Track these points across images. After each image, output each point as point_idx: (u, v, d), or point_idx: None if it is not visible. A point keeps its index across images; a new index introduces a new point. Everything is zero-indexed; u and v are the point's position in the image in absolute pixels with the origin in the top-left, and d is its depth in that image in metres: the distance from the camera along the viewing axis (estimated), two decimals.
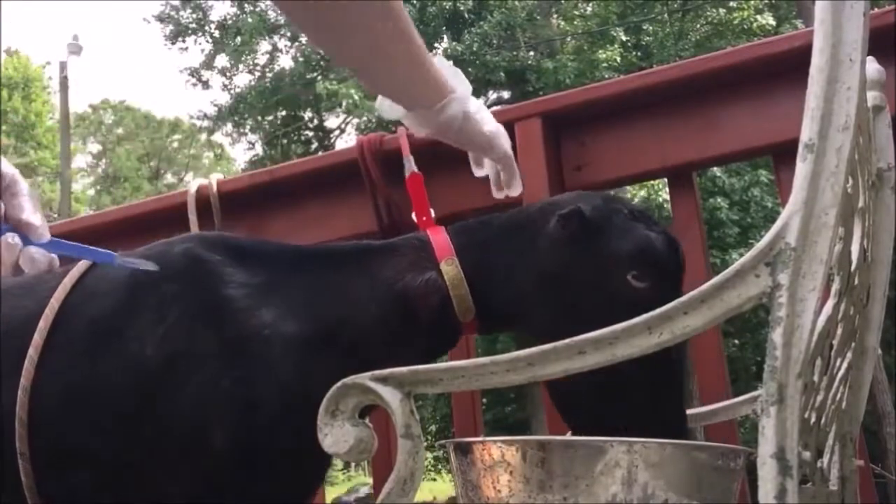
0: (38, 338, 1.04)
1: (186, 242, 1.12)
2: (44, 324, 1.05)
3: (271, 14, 15.87)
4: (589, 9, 14.57)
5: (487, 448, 0.81)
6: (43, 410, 1.02)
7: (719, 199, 11.22)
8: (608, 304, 1.00)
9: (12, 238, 0.91)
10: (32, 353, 1.03)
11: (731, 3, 13.14)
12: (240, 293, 1.05)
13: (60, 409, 1.02)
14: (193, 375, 1.00)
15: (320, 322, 1.07)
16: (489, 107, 1.35)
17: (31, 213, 0.92)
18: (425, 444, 0.81)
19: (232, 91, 16.12)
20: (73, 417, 1.02)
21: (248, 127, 16.26)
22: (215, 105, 16.24)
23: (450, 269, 1.07)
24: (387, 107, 1.21)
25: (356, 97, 12.81)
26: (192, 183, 1.74)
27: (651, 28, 13.59)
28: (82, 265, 1.12)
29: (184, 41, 16.32)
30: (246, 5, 15.41)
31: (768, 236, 0.71)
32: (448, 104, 1.17)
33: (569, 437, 1.04)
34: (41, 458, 1.01)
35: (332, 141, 16.07)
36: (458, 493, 0.87)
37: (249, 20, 15.09)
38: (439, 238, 1.11)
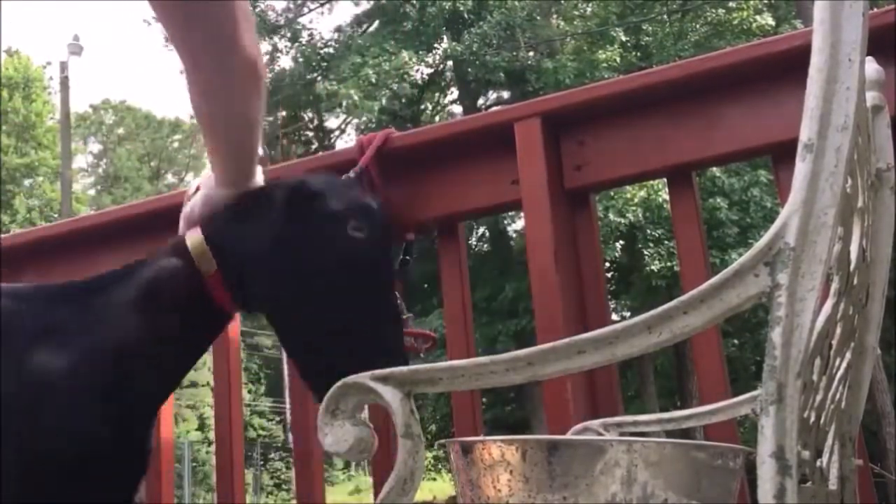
0: None
1: None
2: None
3: (271, 14, 15.88)
4: (589, 9, 14.57)
5: (487, 447, 0.82)
6: None
7: (719, 199, 11.23)
8: (335, 256, 1.17)
9: None
10: None
11: (731, 4, 13.15)
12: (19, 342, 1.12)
13: None
14: None
15: (90, 352, 1.13)
16: (489, 107, 1.36)
17: None
18: (425, 443, 0.81)
19: None
20: None
21: None
22: None
23: (193, 237, 1.19)
24: (203, 178, 1.31)
25: (356, 97, 12.82)
26: (193, 183, 1.74)
27: (651, 28, 13.60)
28: None
29: None
30: None
31: (767, 236, 0.71)
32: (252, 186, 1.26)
33: (569, 436, 1.04)
34: None
35: (332, 141, 16.08)
36: (458, 492, 0.87)
37: None
38: (193, 228, 1.23)
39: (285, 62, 16.13)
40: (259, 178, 1.27)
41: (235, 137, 1.19)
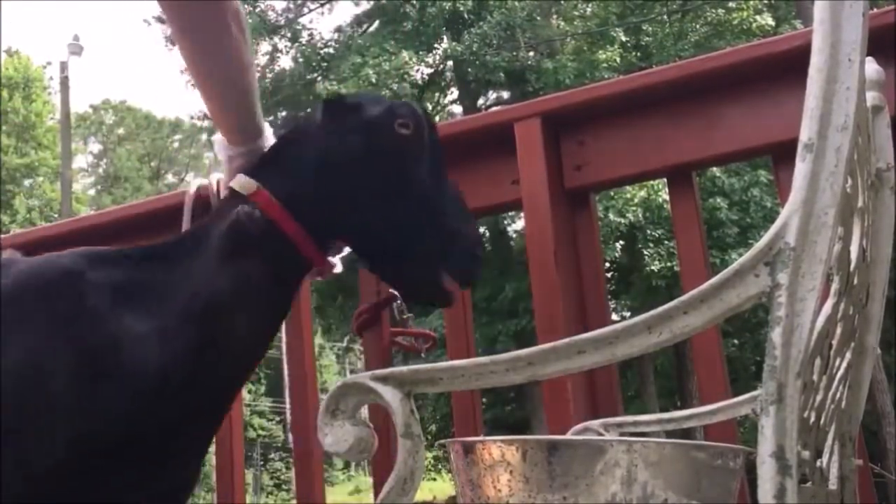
0: None
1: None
2: None
3: (271, 14, 15.88)
4: (589, 9, 14.57)
5: (488, 447, 0.82)
6: None
7: (719, 199, 11.23)
8: (392, 157, 1.19)
9: None
10: None
11: (731, 4, 13.14)
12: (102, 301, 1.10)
13: None
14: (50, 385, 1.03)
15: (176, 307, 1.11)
16: (489, 107, 1.36)
17: None
18: (425, 443, 0.81)
19: None
20: None
21: None
22: None
23: (241, 180, 1.20)
24: (217, 140, 1.32)
25: None
26: (193, 182, 1.74)
27: (651, 28, 13.60)
28: None
29: None
30: (246, 6, 15.40)
31: (767, 236, 0.71)
32: (264, 144, 1.28)
33: (569, 436, 1.04)
34: None
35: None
36: (458, 492, 0.87)
37: (250, 21, 15.04)
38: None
39: (285, 62, 16.15)
40: (268, 132, 1.29)
41: (223, 78, 1.23)
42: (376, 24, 15.59)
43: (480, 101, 15.70)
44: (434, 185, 1.21)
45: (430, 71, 15.60)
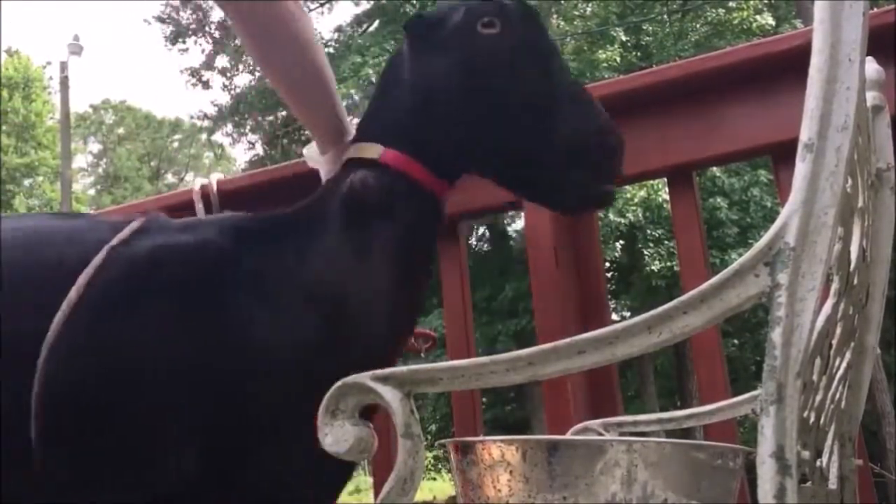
0: (73, 294, 1.00)
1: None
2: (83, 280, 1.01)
3: None
4: (589, 9, 14.56)
5: (488, 447, 0.82)
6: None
7: (719, 199, 11.23)
8: (477, 62, 1.09)
9: None
10: (65, 308, 0.99)
11: (731, 3, 13.14)
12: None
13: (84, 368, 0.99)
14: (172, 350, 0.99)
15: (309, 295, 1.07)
16: None
17: None
18: (425, 443, 0.81)
19: (232, 91, 16.13)
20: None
21: (248, 127, 16.27)
22: (215, 105, 16.27)
23: (357, 145, 1.15)
24: (308, 155, 1.32)
25: (356, 97, 12.81)
26: (196, 181, 1.75)
27: (651, 28, 13.59)
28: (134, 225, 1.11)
29: (184, 42, 16.33)
30: None
31: (767, 236, 0.71)
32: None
33: (569, 436, 1.04)
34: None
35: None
36: (458, 492, 0.87)
37: None
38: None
39: None
40: (350, 128, 1.25)
41: (303, 90, 1.21)
42: (376, 23, 15.58)
43: None
44: (544, 82, 1.09)
45: None
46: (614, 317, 11.69)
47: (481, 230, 15.01)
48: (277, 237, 1.12)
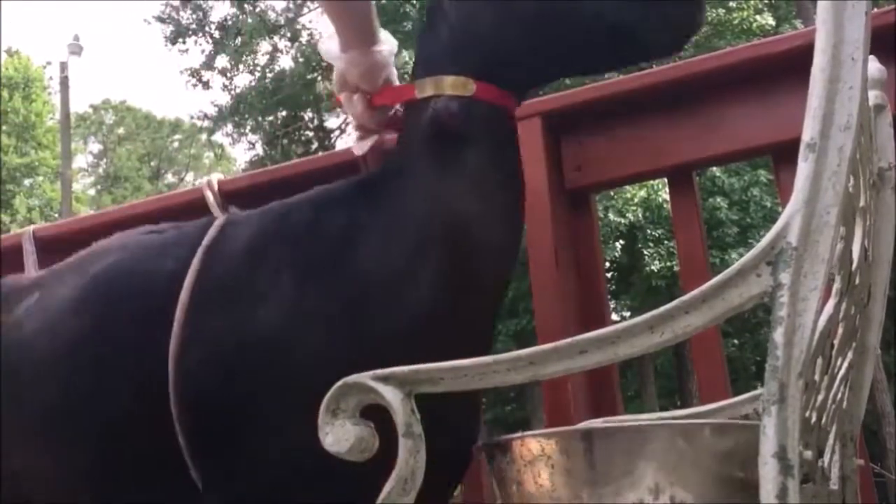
0: (184, 296, 1.06)
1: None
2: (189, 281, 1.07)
3: (271, 14, 15.88)
4: None
5: (526, 443, 0.82)
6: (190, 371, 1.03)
7: (719, 199, 11.23)
8: None
9: None
10: (179, 313, 1.05)
11: (731, 3, 13.13)
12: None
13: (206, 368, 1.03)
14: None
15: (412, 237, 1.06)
16: None
17: None
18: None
19: (232, 91, 16.12)
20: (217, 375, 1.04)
21: (248, 127, 16.26)
22: (216, 105, 16.26)
23: (428, 80, 1.11)
24: (324, 49, 1.25)
25: None
26: (209, 178, 1.74)
27: None
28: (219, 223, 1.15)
29: (184, 42, 16.32)
30: (246, 6, 15.41)
31: (770, 235, 0.71)
32: (382, 49, 1.20)
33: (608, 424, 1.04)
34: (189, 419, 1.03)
35: (332, 141, 16.06)
36: (493, 493, 0.87)
37: (249, 21, 15.09)
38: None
39: (285, 62, 16.14)
40: (385, 37, 1.22)
41: None
42: None
43: None
44: None
45: None
46: (614, 317, 11.69)
47: None
48: (375, 194, 1.12)
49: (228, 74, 16.23)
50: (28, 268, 1.72)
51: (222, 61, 16.16)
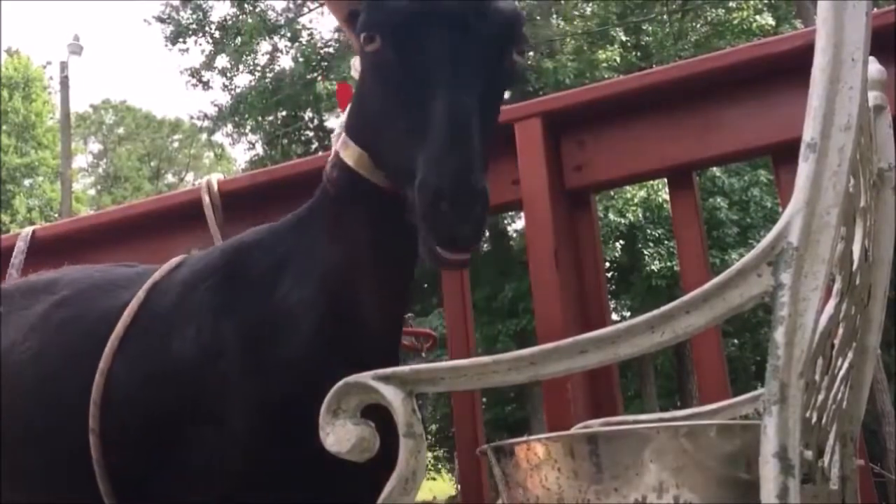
0: (119, 327, 1.21)
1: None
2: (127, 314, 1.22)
3: (271, 14, 15.86)
4: (589, 9, 14.56)
5: (532, 447, 0.82)
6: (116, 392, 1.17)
7: (719, 199, 11.22)
8: (362, 78, 1.12)
9: None
10: (112, 341, 1.20)
11: (731, 4, 13.13)
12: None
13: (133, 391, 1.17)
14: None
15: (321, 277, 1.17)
16: None
17: None
18: (427, 443, 0.81)
19: (232, 91, 16.10)
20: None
21: (248, 127, 16.25)
22: (216, 105, 16.24)
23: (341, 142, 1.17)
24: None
25: None
26: (211, 177, 1.74)
27: (651, 28, 13.59)
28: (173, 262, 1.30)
29: (184, 42, 16.30)
30: (246, 6, 15.39)
31: (770, 236, 0.71)
32: None
33: (612, 427, 1.04)
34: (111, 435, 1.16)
35: (332, 141, 16.01)
36: (501, 496, 0.87)
37: (249, 21, 15.07)
38: None
39: (285, 62, 16.12)
40: None
41: None
42: None
43: None
44: (418, 107, 0.94)
45: None
46: (614, 317, 11.68)
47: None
48: (302, 233, 1.23)
49: (228, 74, 16.22)
50: (11, 270, 1.73)
51: (222, 61, 16.15)
